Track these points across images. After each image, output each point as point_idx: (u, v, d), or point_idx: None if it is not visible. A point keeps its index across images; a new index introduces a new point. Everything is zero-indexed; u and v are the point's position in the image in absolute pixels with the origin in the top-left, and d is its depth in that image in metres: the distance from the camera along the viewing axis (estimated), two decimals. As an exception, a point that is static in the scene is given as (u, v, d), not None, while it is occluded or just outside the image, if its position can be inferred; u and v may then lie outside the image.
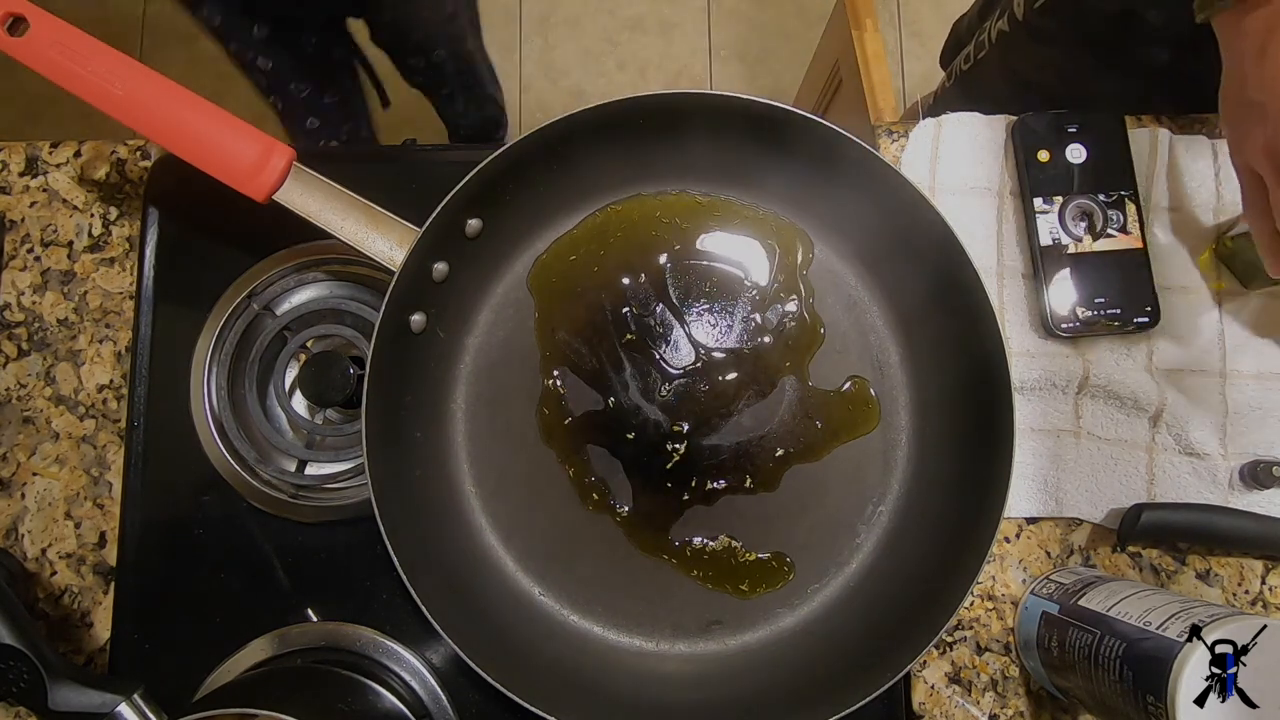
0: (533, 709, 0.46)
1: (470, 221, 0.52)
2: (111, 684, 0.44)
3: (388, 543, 0.46)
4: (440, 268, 0.51)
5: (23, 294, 0.59)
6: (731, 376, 0.55)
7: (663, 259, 0.56)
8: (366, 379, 0.47)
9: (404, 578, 0.46)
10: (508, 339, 0.55)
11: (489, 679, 0.46)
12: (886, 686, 0.45)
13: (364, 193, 0.50)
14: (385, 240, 0.49)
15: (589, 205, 0.56)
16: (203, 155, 0.48)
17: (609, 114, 0.50)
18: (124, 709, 0.43)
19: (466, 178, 0.49)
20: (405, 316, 0.51)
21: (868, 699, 0.45)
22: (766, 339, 0.55)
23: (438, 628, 0.46)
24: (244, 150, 0.48)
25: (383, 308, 0.48)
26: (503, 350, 0.55)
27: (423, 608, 0.46)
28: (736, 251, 0.56)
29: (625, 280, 0.56)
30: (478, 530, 0.54)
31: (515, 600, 0.53)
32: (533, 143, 0.50)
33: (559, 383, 0.55)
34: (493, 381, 0.55)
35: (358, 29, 0.92)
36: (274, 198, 0.49)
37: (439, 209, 0.49)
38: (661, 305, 0.55)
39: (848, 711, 0.45)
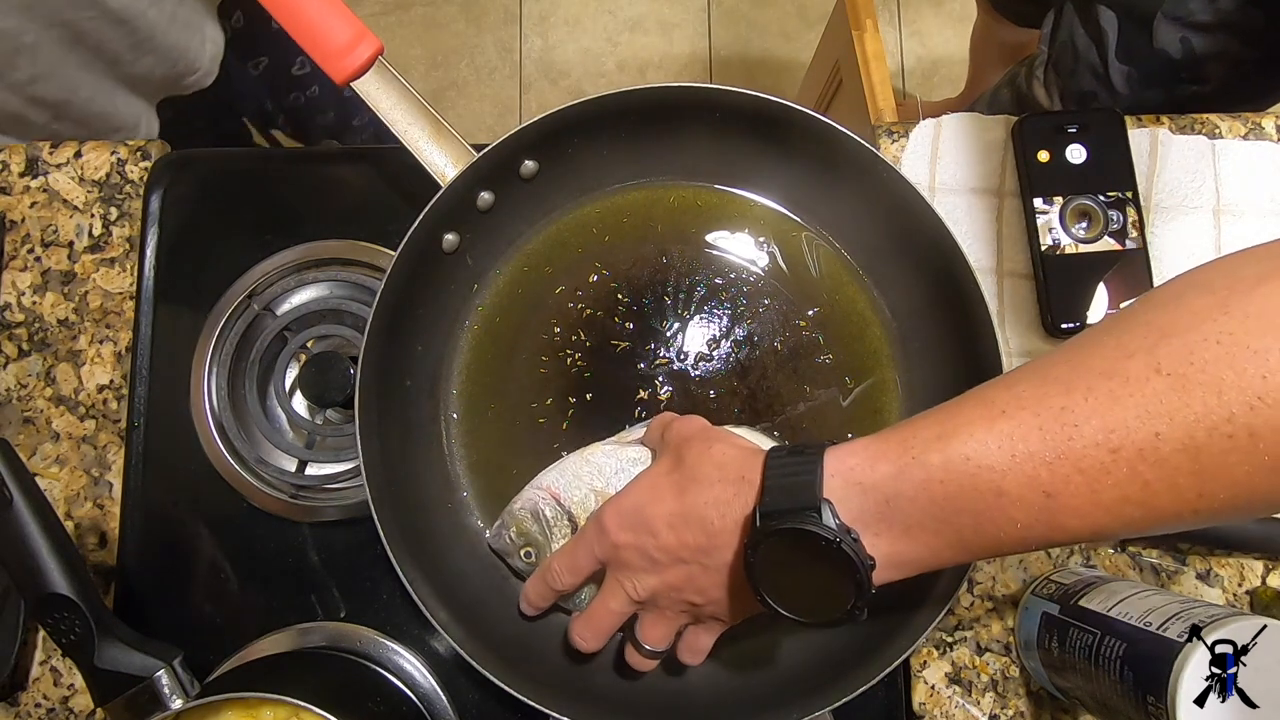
0: (536, 706, 0.46)
1: (527, 162, 0.53)
2: (155, 648, 0.45)
3: (384, 539, 0.46)
4: (487, 197, 0.52)
5: (23, 294, 0.59)
6: (726, 376, 0.55)
7: (665, 251, 0.56)
8: (383, 286, 0.48)
9: (402, 577, 0.46)
10: (526, 300, 0.56)
11: (490, 676, 0.46)
12: (884, 674, 0.45)
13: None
14: (443, 154, 0.50)
15: (614, 185, 0.57)
16: (297, 23, 0.49)
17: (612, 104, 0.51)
18: (163, 675, 0.44)
19: (530, 121, 0.50)
20: (440, 233, 0.51)
21: (866, 686, 0.46)
22: (763, 340, 0.55)
23: (437, 626, 0.46)
24: (337, 29, 0.49)
25: (419, 219, 0.49)
26: (518, 312, 0.56)
27: (422, 608, 0.46)
28: (737, 248, 0.56)
29: (624, 269, 0.56)
30: (476, 532, 0.54)
31: (515, 597, 0.53)
32: (595, 108, 0.51)
33: (570, 358, 0.55)
34: (498, 345, 0.55)
35: None
36: (352, 84, 0.50)
37: (499, 142, 0.50)
38: (660, 301, 0.55)
39: (846, 700, 0.46)
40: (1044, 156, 0.58)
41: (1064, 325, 0.56)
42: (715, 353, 0.55)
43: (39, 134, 0.63)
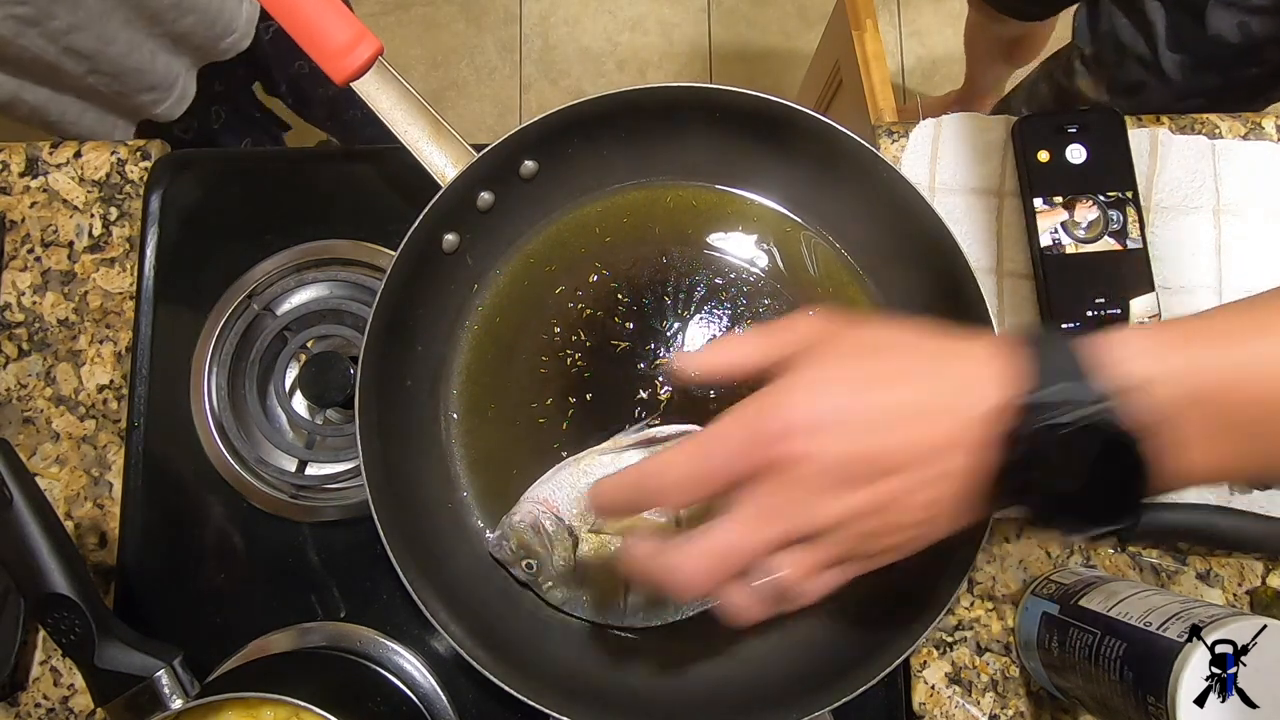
0: (536, 705, 0.46)
1: (527, 162, 0.53)
2: (155, 648, 0.45)
3: (384, 539, 0.46)
4: (487, 197, 0.52)
5: (23, 294, 0.59)
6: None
7: (665, 251, 0.56)
8: (383, 286, 0.48)
9: (402, 577, 0.46)
10: (526, 300, 0.56)
11: (490, 676, 0.46)
12: (884, 674, 0.45)
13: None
14: (442, 155, 0.50)
15: (611, 187, 0.57)
16: (296, 23, 0.49)
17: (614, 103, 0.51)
18: (163, 675, 0.44)
19: (530, 121, 0.50)
20: (440, 233, 0.51)
21: (866, 686, 0.45)
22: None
23: (437, 626, 0.46)
24: (337, 30, 0.49)
25: (419, 219, 0.49)
26: (518, 312, 0.56)
27: (422, 608, 0.46)
28: (737, 248, 0.56)
29: (624, 269, 0.56)
30: (476, 532, 0.54)
31: (515, 597, 0.53)
32: (595, 108, 0.51)
33: (571, 358, 0.55)
34: (498, 345, 0.55)
35: None
36: (352, 85, 0.50)
37: (499, 142, 0.50)
38: (660, 301, 0.55)
39: (846, 700, 0.45)
40: (1044, 156, 0.58)
41: (1064, 325, 0.56)
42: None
43: (73, 86, 0.63)
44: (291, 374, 0.58)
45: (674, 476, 0.33)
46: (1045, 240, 0.57)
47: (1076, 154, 0.58)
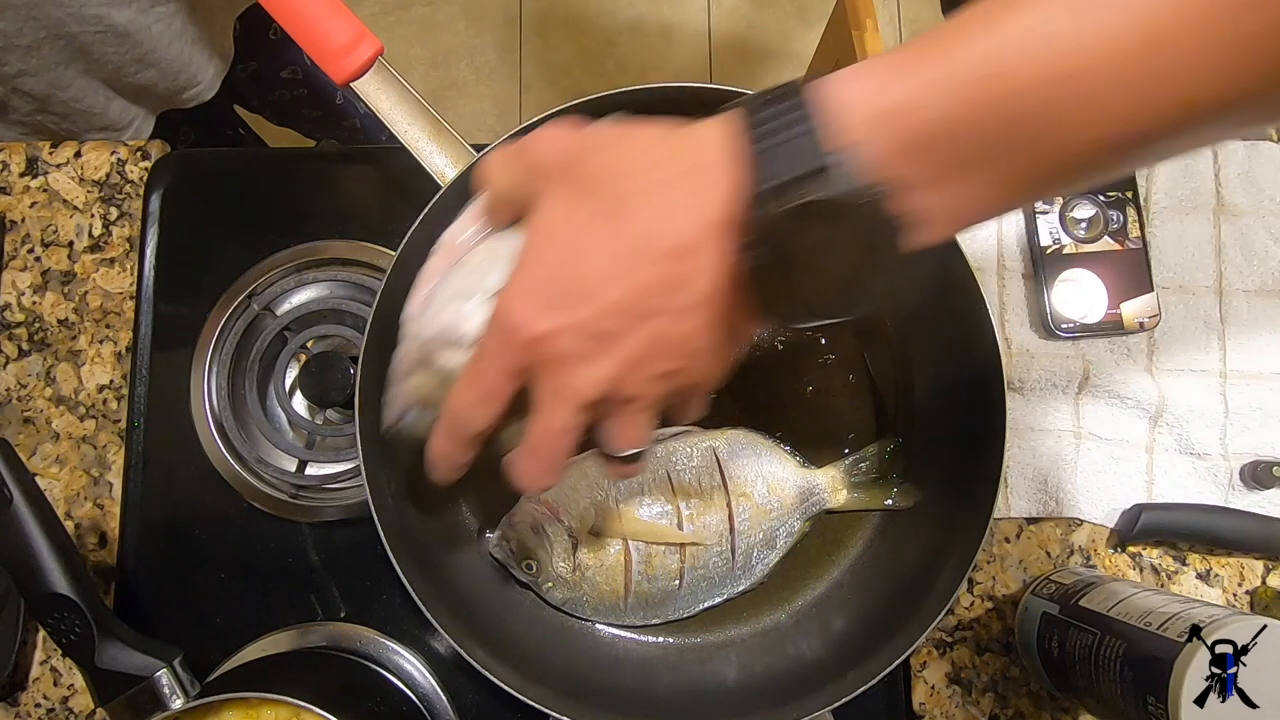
0: (536, 705, 0.46)
1: None
2: (155, 648, 0.45)
3: (384, 539, 0.46)
4: None
5: (23, 294, 0.59)
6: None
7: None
8: (383, 286, 0.48)
9: (402, 577, 0.46)
10: None
11: (491, 676, 0.46)
12: (884, 674, 0.45)
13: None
14: (442, 155, 0.50)
15: None
16: (297, 23, 0.49)
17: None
18: (163, 675, 0.44)
19: (529, 121, 0.49)
20: (440, 233, 0.51)
21: (866, 686, 0.45)
22: (763, 340, 0.55)
23: (437, 626, 0.46)
24: (337, 30, 0.49)
25: (419, 219, 0.48)
26: None
27: (422, 608, 0.46)
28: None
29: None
30: (475, 533, 0.54)
31: (515, 597, 0.53)
32: (595, 108, 0.50)
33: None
34: None
35: None
36: (352, 84, 0.50)
37: (499, 142, 0.49)
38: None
39: (846, 700, 0.46)
40: (1044, 156, 0.58)
41: (1064, 325, 0.56)
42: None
43: (18, 121, 0.63)
44: (291, 374, 0.58)
45: (465, 405, 0.34)
46: (1045, 240, 0.57)
47: (1076, 154, 0.58)
